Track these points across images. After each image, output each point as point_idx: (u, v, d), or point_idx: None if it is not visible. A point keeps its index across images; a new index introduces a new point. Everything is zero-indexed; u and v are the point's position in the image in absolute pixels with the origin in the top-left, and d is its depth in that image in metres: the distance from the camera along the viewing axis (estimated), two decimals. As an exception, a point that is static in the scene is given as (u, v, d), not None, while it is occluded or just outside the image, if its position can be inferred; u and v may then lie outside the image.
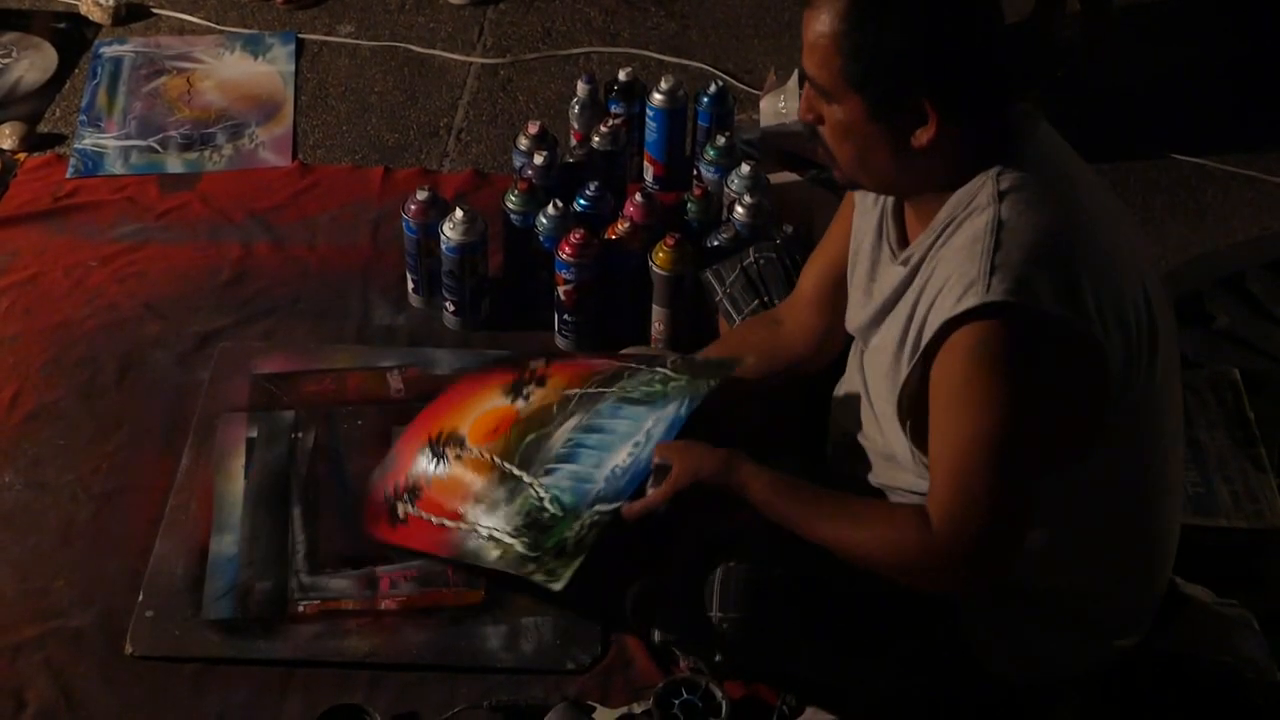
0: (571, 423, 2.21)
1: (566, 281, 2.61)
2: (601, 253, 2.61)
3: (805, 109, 1.84)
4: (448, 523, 2.24)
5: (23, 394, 2.59)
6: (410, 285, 2.78)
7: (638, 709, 2.11)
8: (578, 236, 2.58)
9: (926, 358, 1.77)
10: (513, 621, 2.25)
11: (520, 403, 2.31)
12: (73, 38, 3.49)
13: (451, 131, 3.25)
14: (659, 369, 2.22)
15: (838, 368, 2.16)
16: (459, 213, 2.62)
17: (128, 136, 3.19)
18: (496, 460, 2.24)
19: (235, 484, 2.43)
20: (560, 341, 2.70)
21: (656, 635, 2.12)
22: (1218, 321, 2.77)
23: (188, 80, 3.37)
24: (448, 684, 2.17)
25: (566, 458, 2.18)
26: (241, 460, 2.47)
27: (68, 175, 3.08)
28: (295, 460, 2.47)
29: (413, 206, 2.67)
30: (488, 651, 2.22)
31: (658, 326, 2.64)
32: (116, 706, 2.13)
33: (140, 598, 2.25)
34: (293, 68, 3.41)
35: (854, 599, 1.99)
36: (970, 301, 1.68)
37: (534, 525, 2.15)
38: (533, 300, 2.73)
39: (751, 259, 2.40)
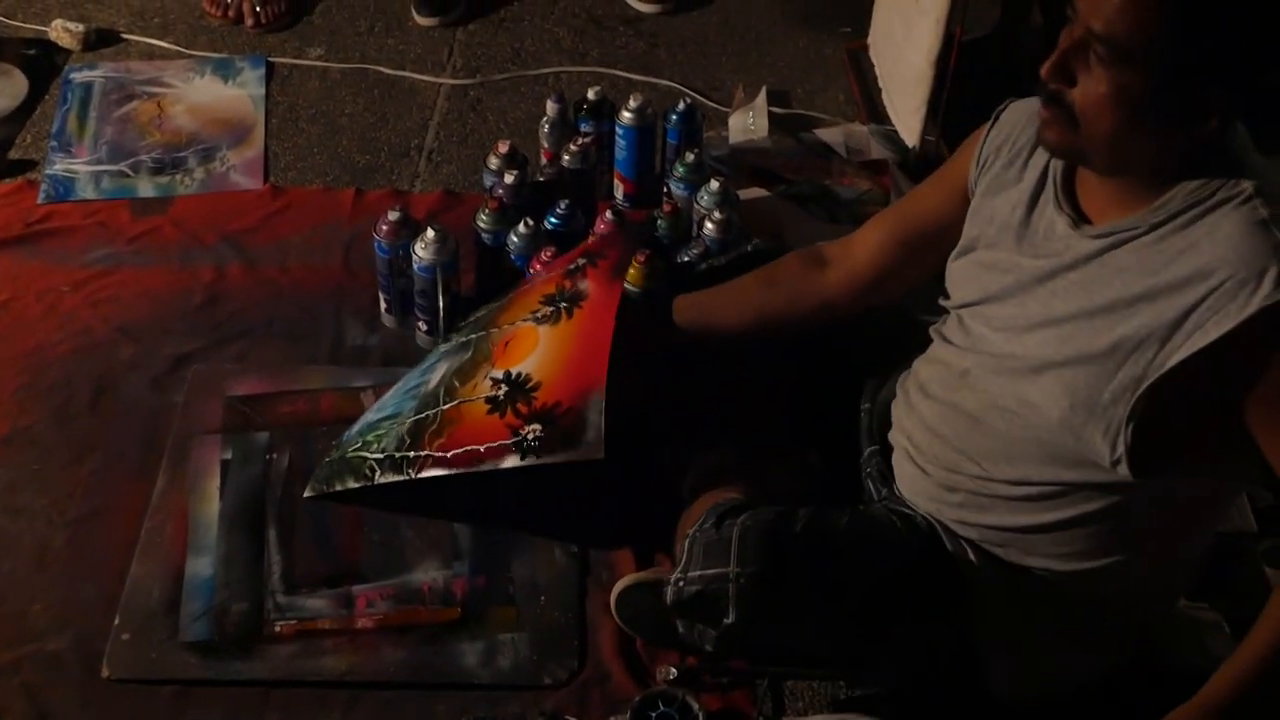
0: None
1: (538, 299, 2.63)
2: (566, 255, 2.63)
3: (1058, 67, 1.72)
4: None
5: (-4, 419, 2.60)
6: (383, 305, 2.79)
7: (615, 724, 2.13)
8: (549, 254, 2.60)
9: (1220, 350, 1.67)
10: (489, 638, 2.26)
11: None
12: (43, 64, 3.49)
13: (422, 152, 3.26)
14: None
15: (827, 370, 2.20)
16: (430, 232, 2.63)
17: (99, 161, 3.19)
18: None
19: (210, 506, 2.44)
20: (533, 359, 2.71)
21: (668, 595, 2.08)
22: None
23: (158, 105, 3.37)
24: (425, 701, 2.18)
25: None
26: (216, 482, 2.48)
27: (39, 201, 3.08)
28: (270, 481, 2.48)
29: (384, 227, 2.68)
30: (465, 668, 2.23)
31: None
32: (93, 729, 2.14)
33: (116, 621, 2.25)
34: (263, 91, 3.42)
35: (868, 569, 2.00)
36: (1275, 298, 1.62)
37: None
38: (505, 318, 2.74)
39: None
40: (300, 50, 3.57)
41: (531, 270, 2.61)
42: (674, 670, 2.20)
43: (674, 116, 3.02)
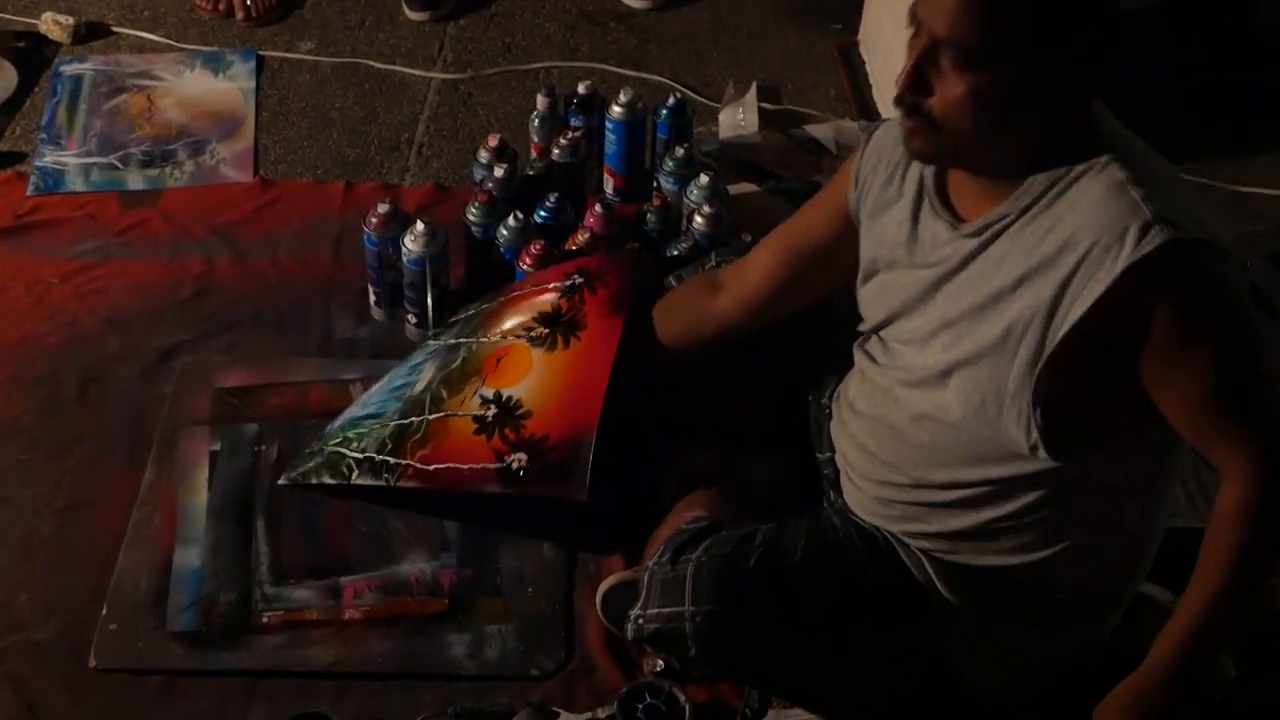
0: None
1: (528, 292, 2.63)
2: (562, 264, 2.63)
3: (912, 79, 1.75)
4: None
5: (-16, 410, 2.60)
6: (372, 298, 2.79)
7: (602, 714, 2.13)
8: (538, 248, 2.60)
9: (1100, 315, 1.70)
10: (476, 629, 2.26)
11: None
12: (32, 56, 3.49)
13: (412, 146, 3.26)
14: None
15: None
16: (420, 225, 2.63)
17: (88, 154, 3.19)
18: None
19: (198, 497, 2.44)
20: (522, 352, 2.71)
21: (629, 632, 2.12)
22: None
23: (148, 97, 3.37)
24: (412, 692, 2.18)
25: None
26: (205, 473, 2.47)
27: (28, 193, 3.08)
28: (258, 473, 2.48)
29: (374, 220, 2.68)
30: (452, 659, 2.23)
31: (618, 336, 2.65)
32: (80, 719, 2.13)
33: (104, 611, 2.25)
34: (253, 84, 3.42)
35: (825, 593, 2.02)
36: (1155, 242, 1.65)
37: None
38: (494, 311, 2.74)
39: (714, 263, 2.42)
40: (291, 44, 3.57)
41: (522, 266, 2.61)
42: (661, 662, 2.20)
43: (664, 111, 3.02)
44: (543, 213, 2.75)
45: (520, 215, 2.69)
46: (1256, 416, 1.75)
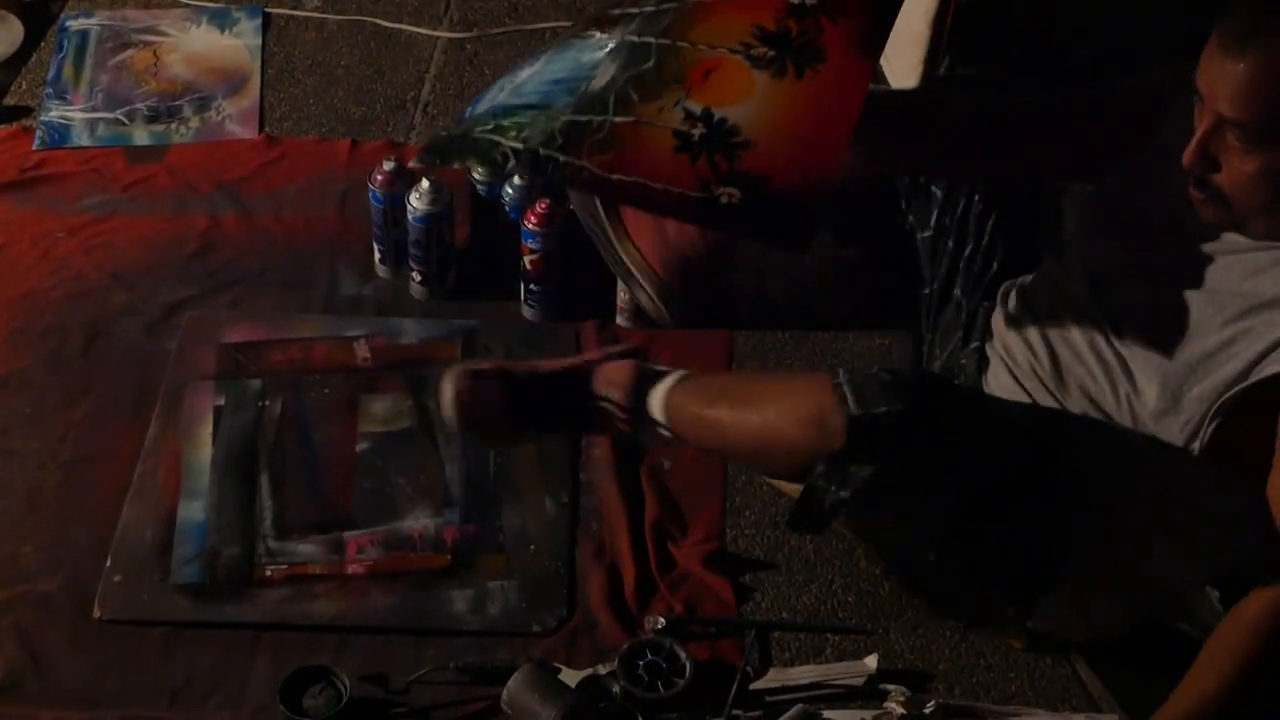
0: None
1: (532, 251, 2.63)
2: (567, 223, 2.63)
3: (1199, 154, 1.75)
4: None
5: (-11, 363, 2.60)
6: (377, 256, 2.79)
7: (603, 670, 2.14)
8: (543, 206, 2.60)
9: None
10: (479, 585, 2.27)
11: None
12: (38, 11, 3.47)
13: (418, 105, 3.26)
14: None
15: None
16: (425, 183, 2.64)
17: (94, 109, 3.19)
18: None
19: (203, 451, 2.45)
20: (527, 311, 2.72)
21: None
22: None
23: (154, 53, 3.36)
24: (414, 646, 2.19)
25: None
26: (209, 428, 2.48)
27: (34, 147, 3.08)
28: (263, 428, 2.49)
29: (379, 177, 2.68)
30: (454, 615, 2.24)
31: (623, 296, 2.65)
32: (85, 669, 2.15)
33: (108, 562, 2.26)
34: (259, 41, 3.41)
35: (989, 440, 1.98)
36: None
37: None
38: (499, 270, 2.75)
39: None
40: (297, 1, 3.56)
41: (527, 225, 2.60)
42: (662, 619, 2.22)
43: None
44: (548, 172, 2.74)
45: (526, 174, 2.70)
46: None
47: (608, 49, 2.11)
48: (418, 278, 2.73)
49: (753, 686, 2.16)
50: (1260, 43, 1.64)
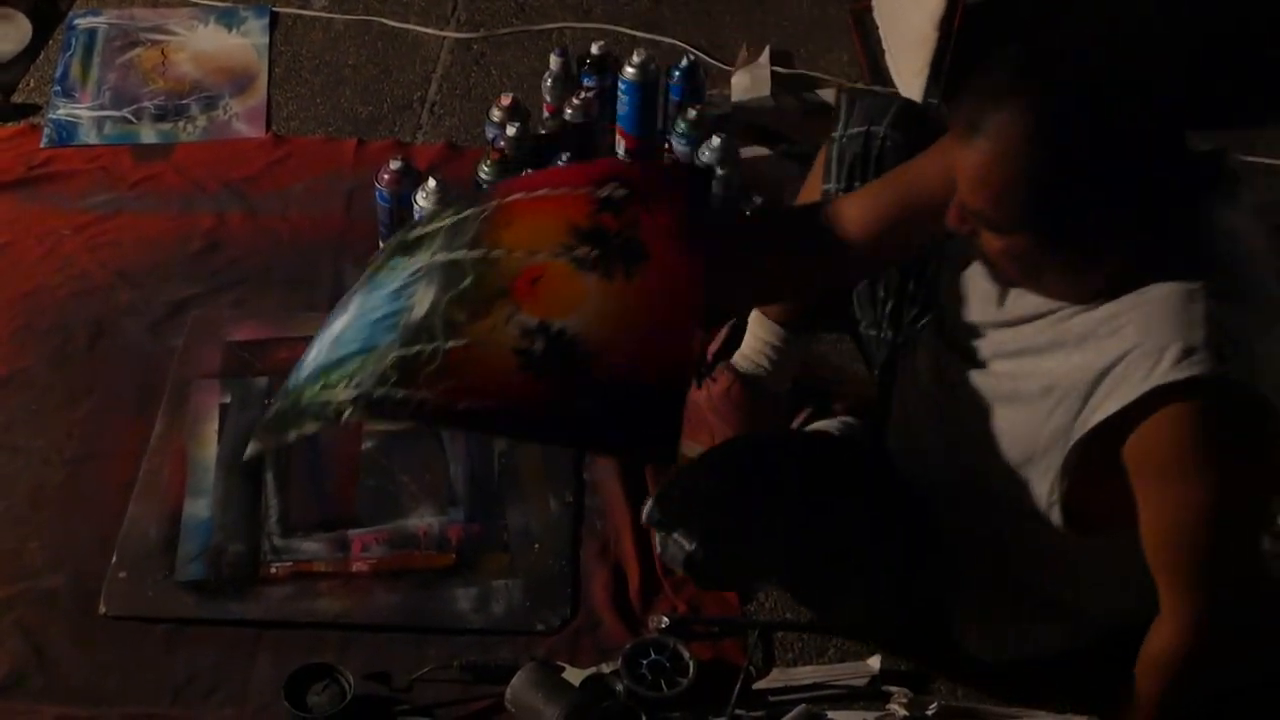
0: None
1: (538, 251, 2.63)
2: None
3: (957, 219, 1.71)
4: None
5: (-7, 360, 2.61)
6: (383, 255, 2.79)
7: (606, 669, 2.14)
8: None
9: (1121, 422, 1.68)
10: (483, 584, 2.28)
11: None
12: (46, 9, 3.47)
13: (425, 105, 3.26)
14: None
15: None
16: (432, 182, 2.64)
17: (102, 107, 3.19)
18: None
19: (208, 449, 2.45)
20: (532, 311, 2.71)
21: (643, 514, 2.10)
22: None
23: (162, 52, 3.37)
24: (418, 645, 2.20)
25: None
26: (215, 425, 2.49)
27: (41, 145, 3.08)
28: (267, 426, 2.49)
29: (386, 176, 2.69)
30: (458, 613, 2.24)
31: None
32: (89, 665, 2.15)
33: (113, 559, 2.27)
34: (266, 40, 3.41)
35: (838, 492, 2.03)
36: (1187, 372, 1.61)
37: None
38: (504, 270, 2.74)
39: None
40: (304, 1, 3.56)
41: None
42: (666, 619, 2.22)
43: (677, 73, 3.01)
44: (554, 172, 2.75)
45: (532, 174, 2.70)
46: (1216, 575, 1.73)
47: (419, 274, 1.98)
48: (423, 277, 2.73)
49: (756, 686, 2.16)
50: (985, 136, 1.59)
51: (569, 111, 2.90)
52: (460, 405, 1.84)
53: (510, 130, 2.81)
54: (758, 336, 2.34)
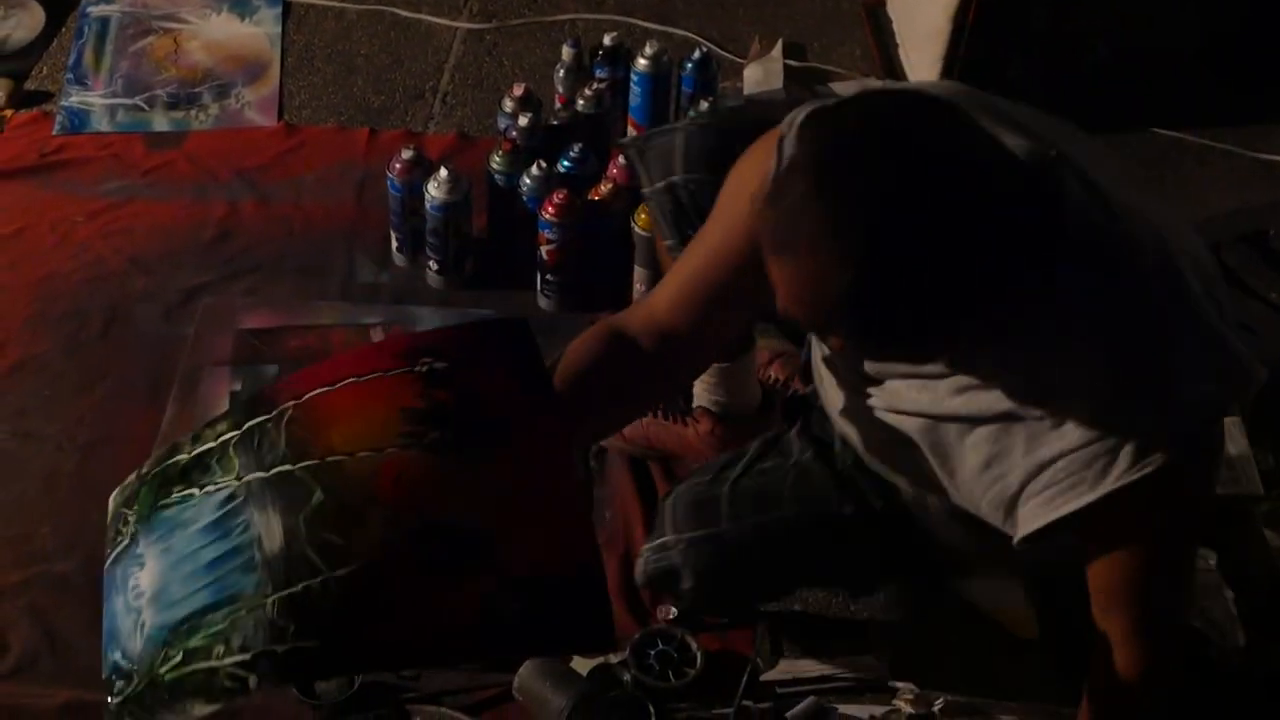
0: None
1: (549, 241, 2.64)
2: (584, 213, 2.64)
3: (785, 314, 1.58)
4: None
5: (7, 346, 2.62)
6: (394, 244, 2.80)
7: (614, 659, 2.15)
8: (561, 197, 2.61)
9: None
10: (492, 573, 2.27)
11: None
12: (60, -3, 3.50)
13: (437, 94, 3.27)
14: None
15: None
16: (443, 172, 2.65)
17: (114, 95, 3.20)
18: None
19: (219, 436, 2.45)
20: (543, 302, 2.72)
21: (636, 575, 2.12)
22: (1192, 291, 2.80)
23: (174, 40, 3.38)
24: (427, 633, 2.20)
25: None
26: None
27: (54, 132, 3.10)
28: (278, 413, 2.49)
29: (398, 165, 2.69)
30: (467, 601, 2.24)
31: (638, 287, 2.66)
32: (100, 650, 2.14)
33: (124, 545, 2.27)
34: (279, 29, 3.42)
35: (800, 514, 2.02)
36: (1148, 469, 1.56)
37: None
38: (516, 260, 2.75)
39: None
40: (317, -10, 3.57)
41: (544, 215, 2.60)
42: (674, 610, 2.22)
43: (689, 65, 3.01)
44: (566, 163, 2.76)
45: (543, 164, 2.71)
46: (1156, 619, 1.73)
47: (236, 500, 1.68)
48: (434, 266, 2.74)
49: (763, 678, 2.17)
50: (794, 255, 1.46)
51: (581, 102, 2.90)
52: (385, 640, 1.60)
53: (522, 121, 2.81)
54: (700, 381, 2.34)
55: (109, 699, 1.65)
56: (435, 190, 2.64)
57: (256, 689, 1.56)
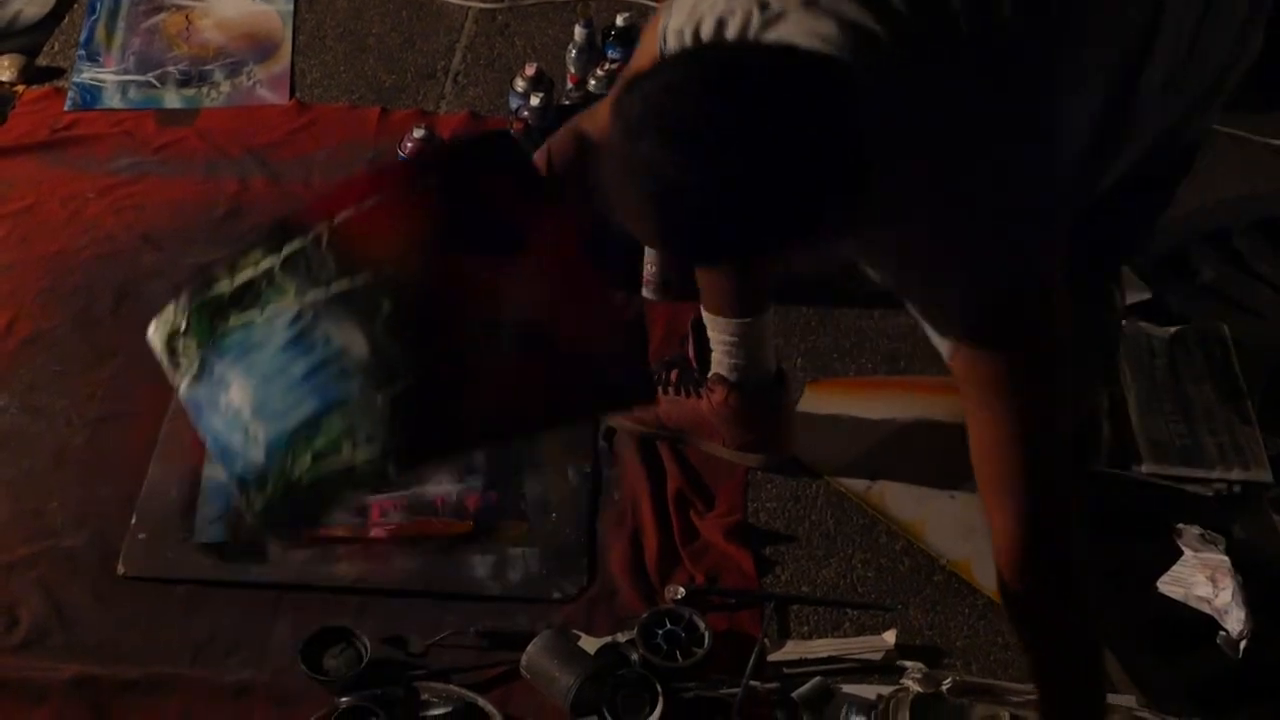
0: None
1: (560, 221, 2.63)
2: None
3: None
4: None
5: (18, 321, 2.62)
6: (405, 222, 2.80)
7: (621, 638, 2.15)
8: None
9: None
10: (500, 552, 2.29)
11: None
12: (72, -27, 3.50)
13: (448, 74, 3.26)
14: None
15: None
16: (455, 151, 2.64)
17: (126, 71, 3.20)
18: None
19: (229, 413, 2.46)
20: (553, 281, 2.72)
21: None
22: (1202, 276, 2.80)
23: (186, 18, 3.37)
24: (435, 610, 2.21)
25: None
26: (235, 390, 2.49)
27: (66, 108, 3.10)
28: (288, 391, 2.50)
29: (409, 144, 2.70)
30: (475, 580, 2.25)
31: (649, 269, 2.66)
32: (108, 625, 2.17)
33: (133, 520, 2.28)
34: (291, 8, 3.41)
35: None
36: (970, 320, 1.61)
37: None
38: (526, 240, 2.75)
39: None
40: (330, -31, 3.57)
41: None
42: (682, 590, 2.22)
43: (701, 46, 3.01)
44: (577, 143, 2.75)
45: (555, 145, 2.70)
46: (1031, 486, 1.69)
47: (304, 320, 1.77)
48: (445, 246, 2.74)
49: (771, 658, 2.17)
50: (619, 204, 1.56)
51: (593, 82, 2.90)
52: (483, 417, 1.74)
53: (534, 100, 2.81)
54: (719, 340, 2.33)
55: (245, 511, 1.76)
56: (446, 169, 2.64)
57: (395, 477, 1.70)
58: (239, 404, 1.79)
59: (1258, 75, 3.15)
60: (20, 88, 3.15)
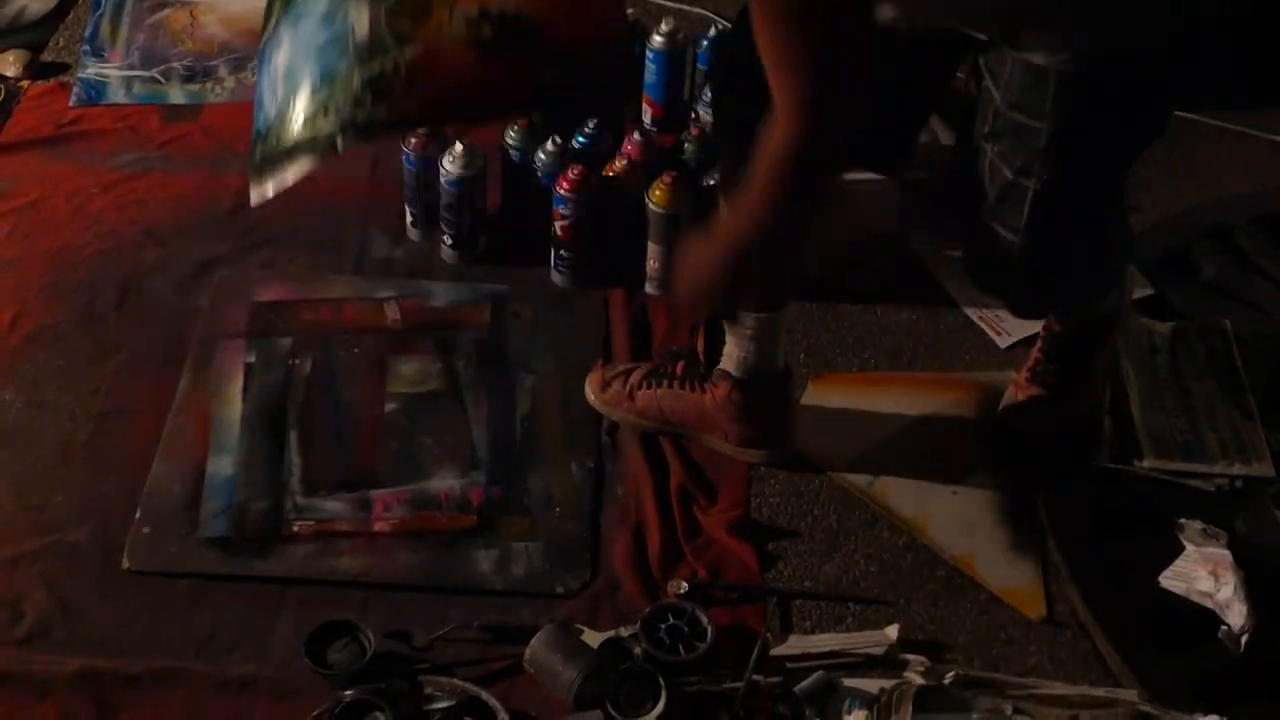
0: None
1: (563, 217, 2.64)
2: (599, 189, 2.64)
3: None
4: None
5: (22, 316, 2.62)
6: (409, 218, 2.80)
7: (625, 633, 2.15)
8: (576, 173, 2.61)
9: None
10: (503, 546, 2.29)
11: None
12: (77, -32, 3.50)
13: (452, 70, 3.26)
14: None
15: None
16: (459, 146, 2.65)
17: (131, 67, 3.21)
18: None
19: (233, 407, 2.46)
20: (556, 277, 2.73)
21: None
22: (1204, 273, 2.80)
23: (191, 13, 3.38)
24: (438, 605, 2.21)
25: None
26: (239, 384, 2.50)
27: (70, 104, 3.10)
28: (292, 385, 2.51)
29: (413, 140, 2.70)
30: (478, 574, 2.25)
31: (652, 264, 2.67)
32: (112, 619, 2.17)
33: (137, 515, 2.29)
34: (295, 4, 3.42)
35: None
36: None
37: None
38: (529, 235, 2.75)
39: None
40: (334, -36, 3.56)
41: (559, 190, 2.60)
42: (685, 584, 2.23)
43: (704, 43, 3.02)
44: (581, 138, 2.76)
45: (558, 140, 2.71)
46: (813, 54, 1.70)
47: None
48: (449, 241, 2.75)
49: (773, 653, 2.17)
50: None
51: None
52: (439, 105, 1.89)
53: (537, 96, 2.81)
54: (731, 335, 2.35)
55: (251, 156, 1.95)
56: (450, 165, 2.65)
57: (343, 150, 1.81)
58: (279, 64, 1.95)
59: (1258, 73, 3.16)
60: (25, 83, 3.16)
